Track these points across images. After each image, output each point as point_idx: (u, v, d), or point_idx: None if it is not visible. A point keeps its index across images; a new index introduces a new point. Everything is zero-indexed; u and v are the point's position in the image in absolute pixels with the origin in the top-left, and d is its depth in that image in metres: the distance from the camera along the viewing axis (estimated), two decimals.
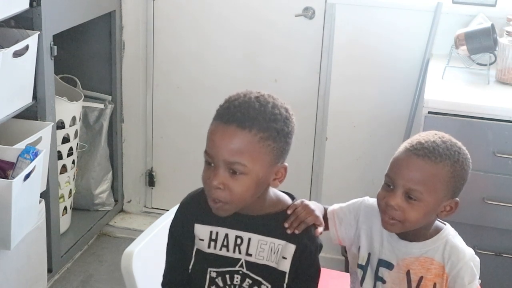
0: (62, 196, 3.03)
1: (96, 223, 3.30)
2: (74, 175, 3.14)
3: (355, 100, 3.04)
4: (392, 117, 2.99)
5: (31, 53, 2.49)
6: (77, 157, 3.16)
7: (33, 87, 2.58)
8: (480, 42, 2.56)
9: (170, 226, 1.62)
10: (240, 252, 1.52)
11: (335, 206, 1.72)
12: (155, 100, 3.39)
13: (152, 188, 3.52)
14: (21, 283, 2.56)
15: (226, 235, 1.53)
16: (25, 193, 2.34)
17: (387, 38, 2.94)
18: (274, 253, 1.51)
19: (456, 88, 2.53)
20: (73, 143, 3.04)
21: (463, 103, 2.39)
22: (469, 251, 1.60)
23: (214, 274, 1.54)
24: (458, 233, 1.65)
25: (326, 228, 1.68)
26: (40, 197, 2.58)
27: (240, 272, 1.53)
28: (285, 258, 1.50)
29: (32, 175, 2.36)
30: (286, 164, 1.49)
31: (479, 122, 2.35)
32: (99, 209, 3.39)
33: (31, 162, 2.35)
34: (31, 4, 2.50)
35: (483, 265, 1.63)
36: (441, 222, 1.64)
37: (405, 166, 1.53)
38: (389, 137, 2.99)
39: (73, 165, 3.09)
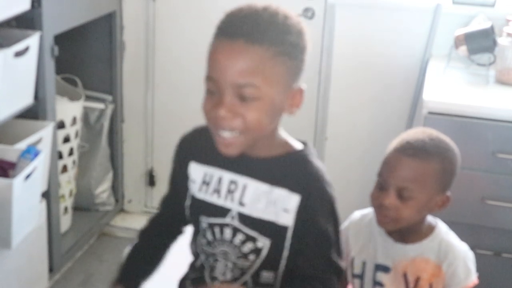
0: (63, 196, 3.04)
1: (96, 223, 3.31)
2: (74, 175, 3.15)
3: (355, 100, 3.04)
4: (392, 117, 2.99)
5: (32, 53, 2.49)
6: (78, 157, 3.16)
7: (34, 87, 2.59)
8: (479, 43, 2.56)
9: (172, 166, 1.50)
10: (232, 200, 1.32)
11: None
12: (155, 100, 3.40)
13: (152, 188, 3.52)
14: (22, 283, 2.57)
15: (220, 179, 1.34)
16: (26, 193, 2.34)
17: (387, 38, 2.94)
18: (272, 204, 1.29)
19: (456, 88, 2.54)
20: (73, 143, 3.05)
21: (462, 104, 2.39)
22: (463, 247, 1.62)
23: (204, 225, 1.36)
24: (458, 233, 1.65)
25: None
26: (41, 197, 2.58)
27: (231, 225, 1.33)
28: (287, 211, 1.28)
29: (32, 175, 2.36)
30: (303, 86, 1.30)
31: (479, 123, 2.36)
32: (100, 209, 3.39)
33: (31, 162, 2.36)
34: (32, 5, 2.50)
35: (482, 265, 1.64)
36: (433, 219, 1.65)
37: (395, 166, 1.57)
38: (389, 137, 2.97)
39: (73, 165, 3.09)
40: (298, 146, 1.35)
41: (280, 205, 1.29)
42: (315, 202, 1.28)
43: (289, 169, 1.31)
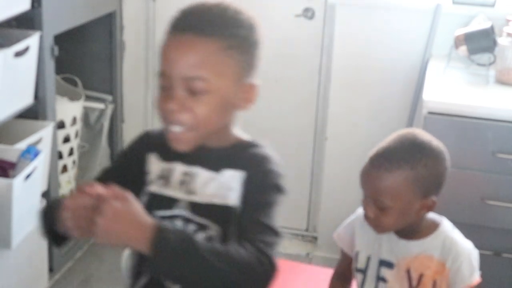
0: (63, 196, 3.04)
1: None
2: (74, 175, 3.15)
3: (355, 100, 3.04)
4: (392, 117, 2.99)
5: (32, 53, 2.49)
6: (78, 157, 3.16)
7: (34, 87, 2.59)
8: (479, 43, 2.56)
9: (125, 148, 1.44)
10: (183, 191, 1.31)
11: (337, 232, 1.78)
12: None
13: None
14: (22, 282, 2.57)
15: (173, 171, 1.33)
16: (26, 193, 2.34)
17: (387, 38, 2.94)
18: (221, 187, 1.28)
19: (456, 88, 2.53)
20: (73, 143, 3.05)
21: (462, 104, 2.39)
22: (467, 245, 1.61)
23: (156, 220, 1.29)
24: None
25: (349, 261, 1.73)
26: (41, 197, 2.58)
27: (182, 216, 1.30)
28: (232, 190, 1.27)
29: (33, 175, 2.36)
30: (256, 82, 1.29)
31: (479, 123, 2.36)
32: None
33: (31, 162, 2.36)
34: (32, 5, 2.50)
35: (482, 265, 1.64)
36: (438, 216, 1.65)
37: (365, 179, 1.57)
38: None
39: (73, 165, 3.09)
40: (243, 138, 1.36)
41: (227, 186, 1.28)
42: (258, 177, 1.28)
43: (237, 154, 1.31)
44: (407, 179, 1.52)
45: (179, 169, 1.32)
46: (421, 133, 1.59)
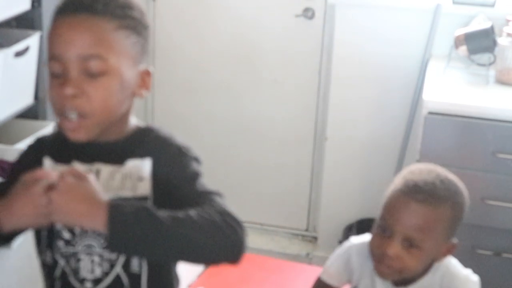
0: None
1: None
2: None
3: (355, 100, 3.04)
4: (392, 117, 2.99)
5: (32, 53, 2.49)
6: None
7: (34, 87, 2.59)
8: (479, 43, 2.56)
9: (18, 158, 1.36)
10: None
11: (325, 268, 1.65)
12: (155, 101, 3.40)
13: None
14: (22, 283, 2.57)
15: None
16: None
17: (387, 38, 2.94)
18: (127, 178, 1.23)
19: (456, 88, 2.54)
20: None
21: (462, 104, 2.39)
22: (466, 276, 1.51)
23: (59, 225, 1.25)
24: (458, 233, 1.63)
25: None
26: None
27: None
28: (142, 179, 1.23)
29: None
30: (150, 68, 1.27)
31: (479, 123, 2.36)
32: None
33: None
34: (32, 5, 2.50)
35: (482, 265, 1.64)
36: None
37: (404, 212, 1.41)
38: (389, 137, 3.00)
39: None
40: (145, 124, 1.34)
41: (135, 176, 1.23)
42: (172, 155, 1.25)
43: (139, 142, 1.27)
44: (448, 217, 1.42)
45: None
46: (444, 170, 1.50)
